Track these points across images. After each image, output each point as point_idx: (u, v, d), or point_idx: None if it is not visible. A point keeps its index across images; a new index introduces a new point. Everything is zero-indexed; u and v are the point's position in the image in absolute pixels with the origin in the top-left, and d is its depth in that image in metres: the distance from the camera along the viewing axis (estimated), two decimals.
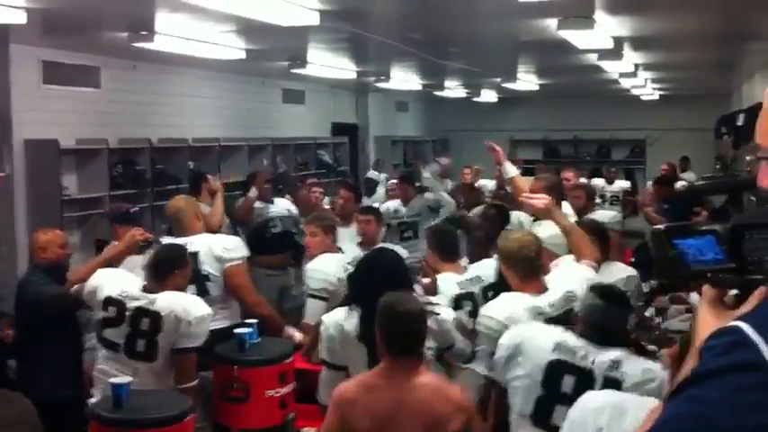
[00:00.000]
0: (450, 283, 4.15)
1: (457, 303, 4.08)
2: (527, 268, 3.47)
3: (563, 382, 2.79)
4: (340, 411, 2.88)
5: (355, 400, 2.87)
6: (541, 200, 3.99)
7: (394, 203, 7.24)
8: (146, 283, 3.86)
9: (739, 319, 1.02)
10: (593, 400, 2.28)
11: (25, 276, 4.80)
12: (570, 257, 3.91)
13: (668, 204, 8.28)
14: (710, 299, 1.19)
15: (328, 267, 4.64)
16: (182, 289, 3.91)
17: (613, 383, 2.71)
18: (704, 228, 1.19)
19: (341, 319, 3.38)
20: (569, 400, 2.72)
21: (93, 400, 3.77)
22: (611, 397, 2.26)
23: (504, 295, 3.58)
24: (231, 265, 4.47)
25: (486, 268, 4.27)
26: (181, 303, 3.71)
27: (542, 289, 3.47)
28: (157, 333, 3.67)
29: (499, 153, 5.53)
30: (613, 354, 2.78)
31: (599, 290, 2.89)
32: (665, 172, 11.00)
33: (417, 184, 8.43)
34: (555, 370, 2.80)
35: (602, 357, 2.76)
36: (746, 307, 1.13)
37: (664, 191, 9.03)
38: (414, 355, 2.89)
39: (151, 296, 3.74)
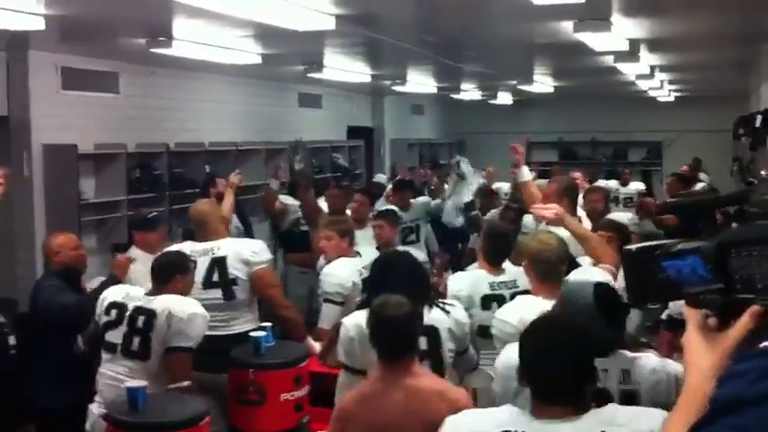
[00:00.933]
0: (482, 281, 4.14)
1: (485, 303, 4.07)
2: (545, 271, 3.45)
3: None
4: (341, 425, 2.89)
5: (355, 413, 2.86)
6: (551, 210, 3.94)
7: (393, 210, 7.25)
8: (150, 288, 3.96)
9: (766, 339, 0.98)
10: None
11: (39, 281, 4.79)
12: (588, 260, 3.88)
13: None
14: (697, 322, 1.17)
15: (342, 272, 4.64)
16: (183, 294, 3.95)
17: (630, 396, 2.63)
18: (686, 247, 1.16)
19: (361, 321, 3.36)
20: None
21: (93, 405, 3.82)
22: (469, 426, 2.20)
23: (519, 298, 3.58)
24: (259, 268, 4.50)
25: (523, 274, 4.26)
26: (176, 302, 3.79)
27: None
28: (151, 330, 3.73)
29: (520, 156, 5.51)
30: (617, 362, 2.67)
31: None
32: (685, 173, 10.98)
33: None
34: None
35: (611, 370, 2.66)
36: (739, 328, 1.10)
37: (678, 187, 9.02)
38: (407, 357, 2.88)
39: (150, 297, 3.85)
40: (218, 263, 4.43)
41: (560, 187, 5.03)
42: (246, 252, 4.49)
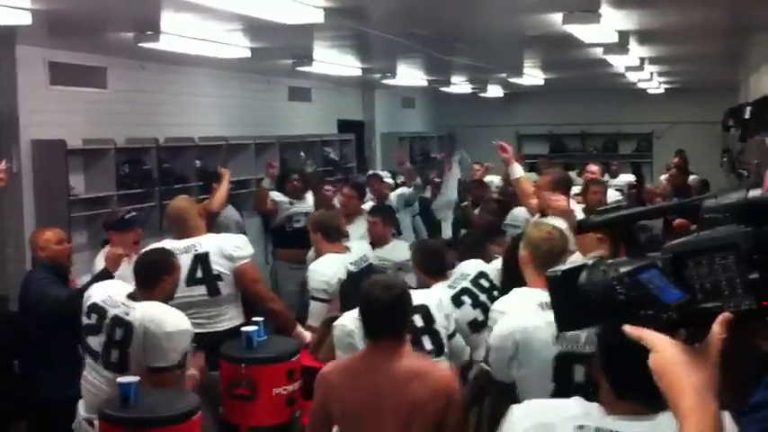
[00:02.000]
0: (441, 290, 4.17)
1: (457, 301, 4.11)
2: (546, 261, 3.41)
3: (574, 373, 2.77)
4: (322, 393, 2.93)
5: (336, 385, 2.90)
6: (562, 201, 4.13)
7: (369, 206, 7.26)
8: (133, 290, 3.75)
9: None
10: (518, 423, 2.13)
11: (29, 274, 4.83)
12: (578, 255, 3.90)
13: (677, 196, 8.33)
14: (669, 341, 1.11)
15: (328, 268, 4.66)
16: (170, 295, 3.83)
17: None
18: (643, 263, 1.13)
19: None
20: (583, 389, 2.69)
21: (80, 405, 3.75)
22: (536, 417, 2.18)
23: (515, 290, 3.57)
24: (243, 263, 4.47)
25: (466, 265, 4.36)
26: (153, 317, 3.54)
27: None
28: (129, 345, 3.56)
29: (509, 154, 5.61)
30: None
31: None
32: (680, 165, 11.03)
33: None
34: (563, 362, 2.75)
35: None
36: (715, 338, 1.07)
37: (681, 180, 9.10)
38: (393, 338, 2.91)
39: (132, 304, 3.62)
40: (201, 259, 4.38)
41: (554, 180, 5.09)
42: (229, 247, 4.45)
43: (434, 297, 3.72)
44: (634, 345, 2.14)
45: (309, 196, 7.75)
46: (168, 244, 4.49)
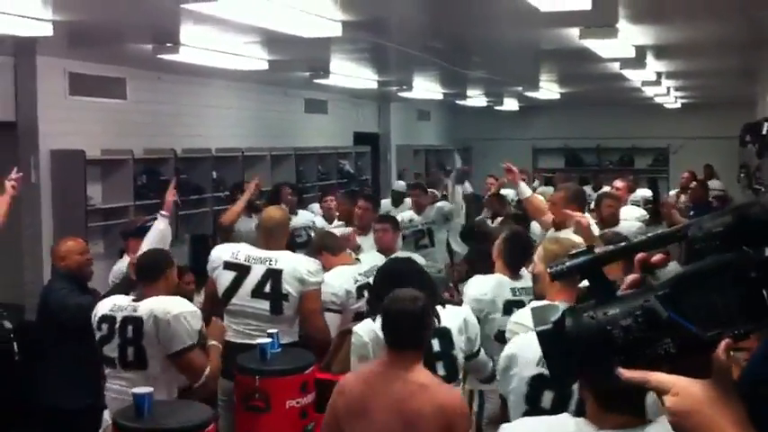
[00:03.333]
0: (505, 286, 4.15)
1: (506, 308, 4.07)
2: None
3: (543, 398, 2.76)
4: (335, 397, 2.97)
5: (349, 389, 2.94)
6: (585, 219, 4.38)
7: (407, 214, 7.25)
8: (136, 292, 3.85)
9: None
10: None
11: (48, 284, 4.87)
12: None
13: (695, 210, 8.32)
14: (688, 380, 1.06)
15: (335, 280, 4.67)
16: (173, 289, 3.88)
17: None
18: (645, 300, 1.10)
19: (374, 327, 3.35)
20: (548, 415, 2.66)
21: (106, 412, 3.77)
22: None
23: (533, 303, 3.56)
24: (311, 289, 4.38)
25: None
26: (160, 305, 3.65)
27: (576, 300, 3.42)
28: (141, 338, 3.63)
29: (515, 175, 5.66)
30: None
31: None
32: (686, 180, 10.98)
33: (431, 191, 8.46)
34: (536, 385, 2.74)
35: None
36: (725, 364, 1.04)
37: (700, 194, 9.09)
38: (411, 349, 2.94)
39: (136, 304, 3.72)
40: (274, 275, 4.31)
41: (568, 194, 5.13)
42: (303, 270, 4.35)
43: (459, 319, 3.61)
44: None
45: (302, 211, 7.76)
46: (245, 249, 4.45)
